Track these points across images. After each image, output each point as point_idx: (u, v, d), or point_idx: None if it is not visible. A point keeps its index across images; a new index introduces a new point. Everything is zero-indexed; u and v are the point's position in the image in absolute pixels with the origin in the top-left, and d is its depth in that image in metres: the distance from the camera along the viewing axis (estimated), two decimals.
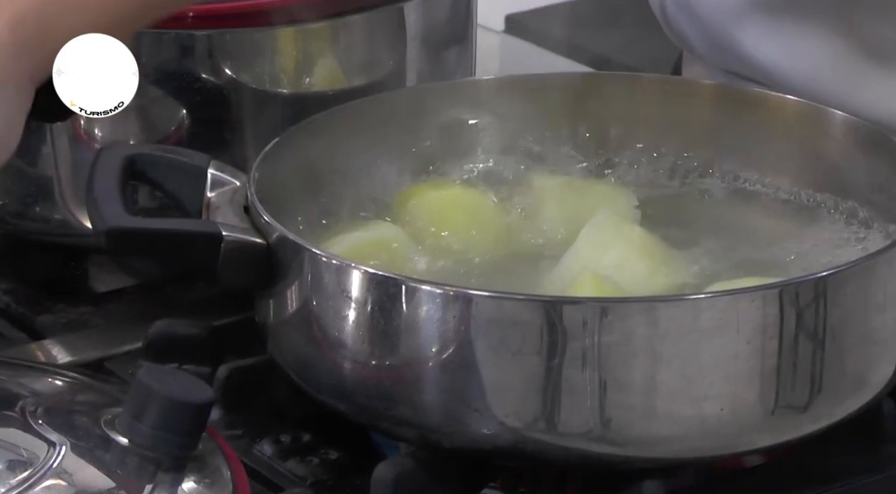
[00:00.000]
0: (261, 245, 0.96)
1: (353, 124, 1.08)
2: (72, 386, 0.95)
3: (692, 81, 1.13)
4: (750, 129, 1.09)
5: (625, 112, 1.12)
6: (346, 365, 0.94)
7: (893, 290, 0.94)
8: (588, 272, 0.97)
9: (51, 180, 1.13)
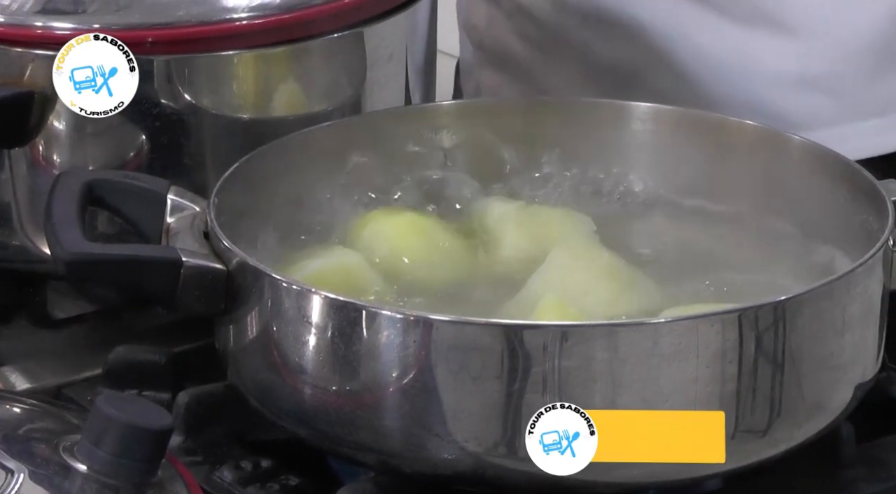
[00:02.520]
0: (221, 270, 0.96)
1: (313, 150, 1.08)
2: (30, 412, 0.94)
3: (647, 106, 1.12)
4: (708, 154, 1.09)
5: (579, 136, 1.12)
6: (307, 391, 0.94)
7: (851, 315, 0.94)
8: (551, 296, 0.97)
9: (8, 206, 1.12)
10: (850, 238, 1.00)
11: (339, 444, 0.94)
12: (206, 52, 1.11)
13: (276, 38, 1.12)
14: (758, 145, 1.07)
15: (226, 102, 1.12)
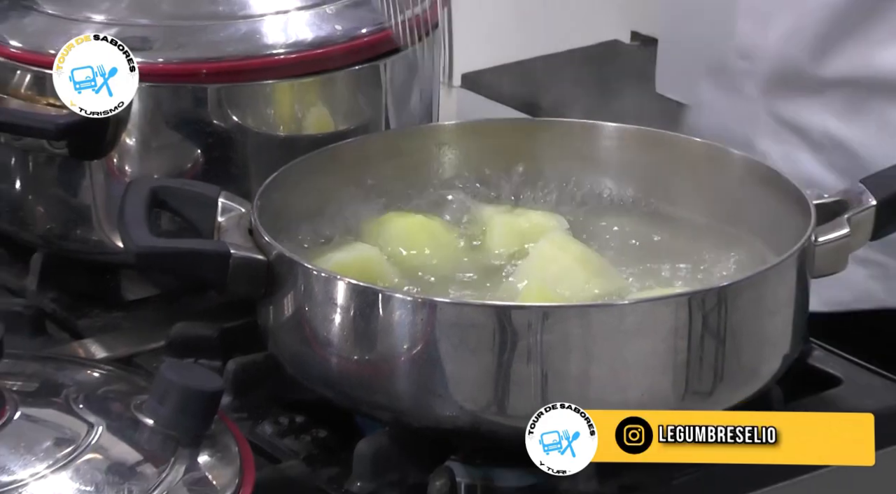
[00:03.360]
0: (262, 261, 0.96)
1: (338, 162, 1.07)
2: (106, 377, 0.95)
3: (613, 126, 1.11)
4: (663, 166, 1.08)
5: (556, 150, 1.11)
6: (333, 360, 0.94)
7: (780, 298, 0.95)
8: (535, 282, 0.98)
9: (89, 208, 1.12)
10: (779, 234, 0.99)
11: (359, 404, 0.95)
12: (250, 82, 1.11)
13: (307, 69, 1.12)
14: (704, 159, 1.07)
15: (266, 122, 1.12)
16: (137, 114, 1.10)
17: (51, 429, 0.85)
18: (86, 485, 0.81)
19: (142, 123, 1.10)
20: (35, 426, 0.84)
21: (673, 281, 1.00)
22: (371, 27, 1.13)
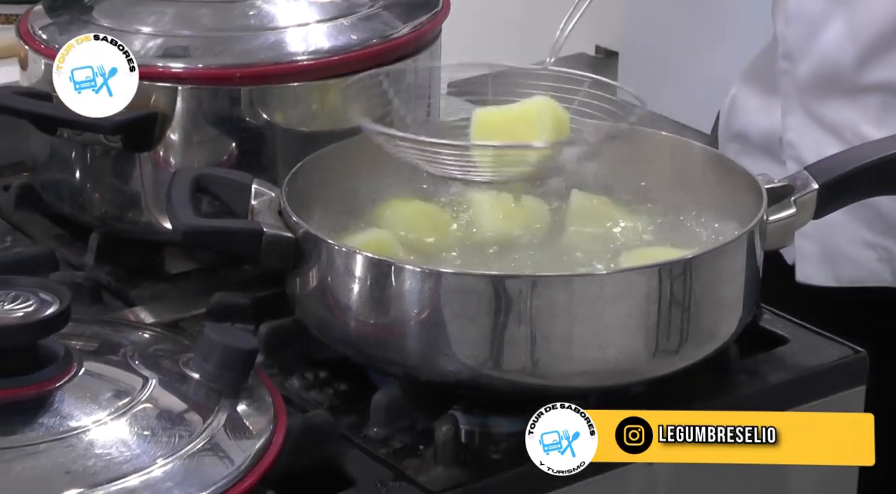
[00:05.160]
0: (290, 238, 0.95)
1: (353, 154, 1.06)
2: (156, 338, 0.94)
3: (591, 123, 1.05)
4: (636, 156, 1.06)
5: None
6: (352, 324, 0.93)
7: (737, 269, 0.94)
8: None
9: (139, 194, 1.11)
10: (737, 214, 0.99)
11: (374, 361, 0.94)
12: (277, 84, 1.10)
13: (326, 74, 1.11)
14: (670, 150, 1.05)
15: (291, 120, 1.11)
16: (180, 113, 1.09)
17: (111, 382, 0.84)
18: (142, 430, 0.81)
19: (184, 121, 1.09)
20: (97, 379, 0.84)
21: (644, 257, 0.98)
22: (381, 37, 1.13)
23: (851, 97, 1.14)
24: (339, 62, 1.11)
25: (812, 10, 1.14)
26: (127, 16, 1.12)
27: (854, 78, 1.13)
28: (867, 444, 0.80)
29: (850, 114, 1.14)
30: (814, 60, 1.15)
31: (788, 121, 1.18)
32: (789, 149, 1.18)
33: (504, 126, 0.99)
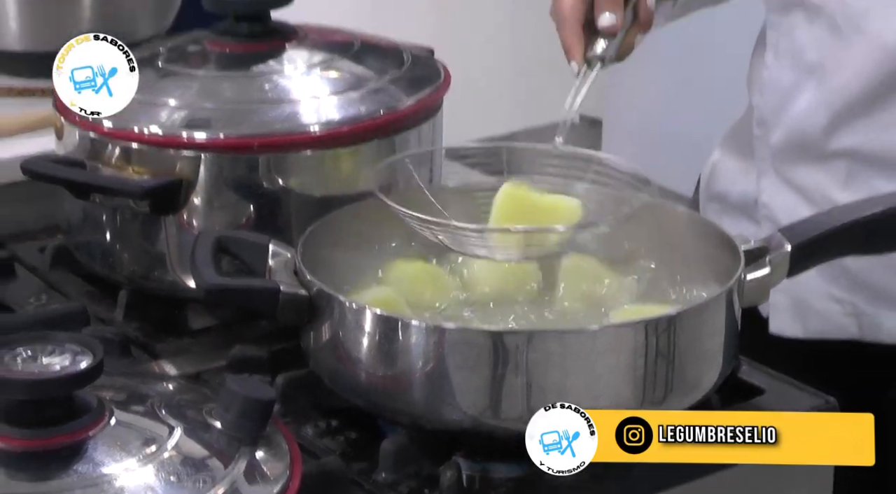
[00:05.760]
0: (305, 295, 0.95)
1: (362, 217, 1.06)
2: (180, 389, 0.94)
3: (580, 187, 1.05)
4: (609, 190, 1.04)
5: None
6: (362, 375, 0.93)
7: (718, 324, 0.94)
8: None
9: (164, 254, 1.11)
10: (717, 273, 0.99)
11: (383, 410, 0.94)
12: (293, 152, 1.10)
13: (337, 143, 1.11)
14: (655, 212, 1.04)
15: (305, 185, 1.11)
16: (203, 179, 1.09)
17: (139, 431, 0.84)
18: (168, 476, 0.80)
19: (207, 186, 1.09)
20: (127, 428, 0.84)
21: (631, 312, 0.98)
22: (387, 109, 1.13)
23: (820, 163, 1.14)
24: (349, 132, 1.11)
25: (784, 81, 1.15)
26: (155, 89, 1.13)
27: (822, 145, 1.13)
28: (867, 444, 0.76)
29: (819, 179, 1.14)
30: (785, 128, 1.15)
31: (763, 183, 1.18)
32: (764, 210, 1.19)
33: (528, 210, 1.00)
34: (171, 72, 1.15)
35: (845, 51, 1.09)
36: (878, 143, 1.11)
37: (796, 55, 1.12)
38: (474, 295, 1.03)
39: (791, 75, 1.13)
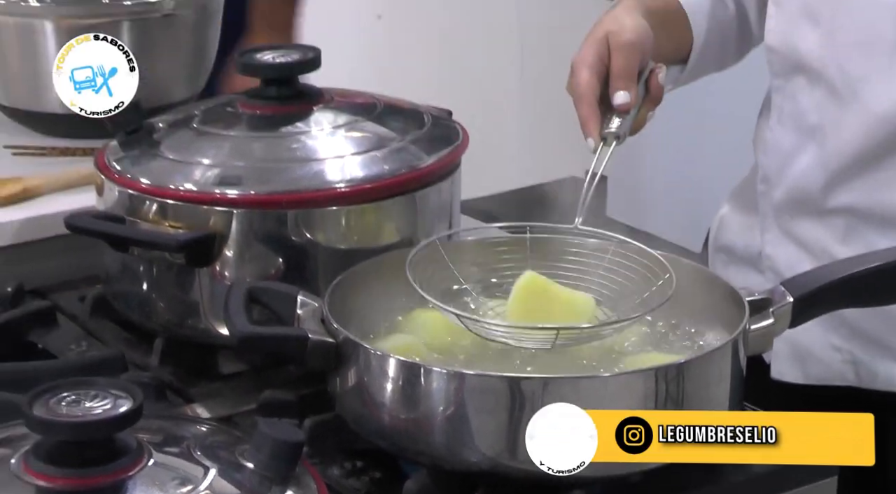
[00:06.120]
0: (332, 343, 0.96)
1: (385, 268, 1.06)
2: (213, 431, 0.94)
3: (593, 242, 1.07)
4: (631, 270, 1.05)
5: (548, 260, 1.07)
6: (386, 418, 0.93)
7: (724, 372, 0.94)
8: None
9: (198, 304, 1.12)
10: (723, 323, 0.99)
11: (405, 452, 0.94)
12: (319, 208, 1.11)
13: (361, 199, 1.12)
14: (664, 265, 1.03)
15: (331, 239, 1.11)
16: (235, 233, 1.10)
17: (176, 472, 0.84)
18: None
19: (238, 240, 1.10)
20: (164, 469, 0.84)
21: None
22: (409, 167, 1.14)
23: (819, 218, 1.15)
24: (372, 189, 1.12)
25: (786, 142, 1.16)
26: (190, 149, 1.14)
27: (821, 202, 1.14)
28: (867, 444, 0.73)
29: (819, 234, 1.15)
30: (787, 186, 1.16)
31: (766, 237, 1.19)
32: (767, 262, 1.19)
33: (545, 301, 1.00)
34: (205, 132, 1.16)
35: (842, 115, 1.10)
36: (873, 202, 1.12)
37: (798, 118, 1.14)
38: (490, 342, 1.02)
39: (793, 137, 1.15)
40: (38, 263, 1.25)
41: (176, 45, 1.43)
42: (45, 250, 1.26)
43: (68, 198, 1.29)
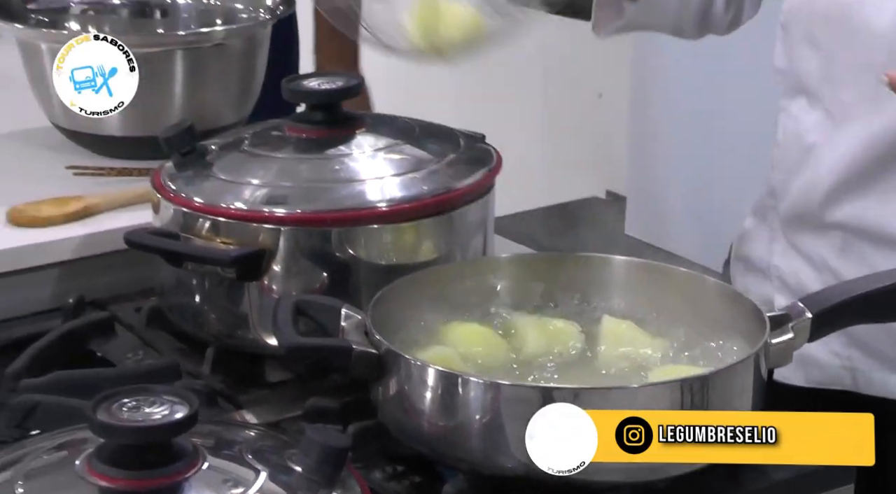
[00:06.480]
0: (375, 354, 0.96)
1: (423, 283, 1.07)
2: (262, 436, 0.94)
3: (620, 259, 1.09)
4: (658, 286, 1.06)
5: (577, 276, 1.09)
6: (425, 425, 0.94)
7: (746, 384, 0.94)
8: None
9: (247, 315, 1.12)
10: (746, 337, 0.99)
11: (444, 457, 0.94)
12: (360, 226, 1.11)
13: (401, 218, 1.12)
14: (688, 283, 1.05)
15: (373, 255, 1.12)
16: (283, 250, 1.10)
17: (229, 474, 0.85)
18: None
19: (285, 256, 1.11)
20: (218, 472, 0.84)
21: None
22: (446, 188, 1.14)
23: (819, 232, 1.16)
24: (411, 209, 1.12)
25: (790, 159, 1.17)
26: (241, 170, 1.15)
27: (820, 217, 1.15)
28: (867, 444, 0.70)
29: (819, 247, 1.16)
30: (790, 200, 1.18)
31: (774, 247, 1.20)
32: (775, 271, 1.20)
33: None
34: (255, 154, 1.17)
35: (836, 136, 1.12)
36: (866, 219, 1.13)
37: (799, 137, 1.15)
38: (523, 353, 1.03)
39: (795, 153, 1.16)
40: (98, 276, 1.26)
41: (226, 72, 1.44)
42: (105, 264, 1.26)
43: (126, 215, 1.30)
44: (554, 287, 1.09)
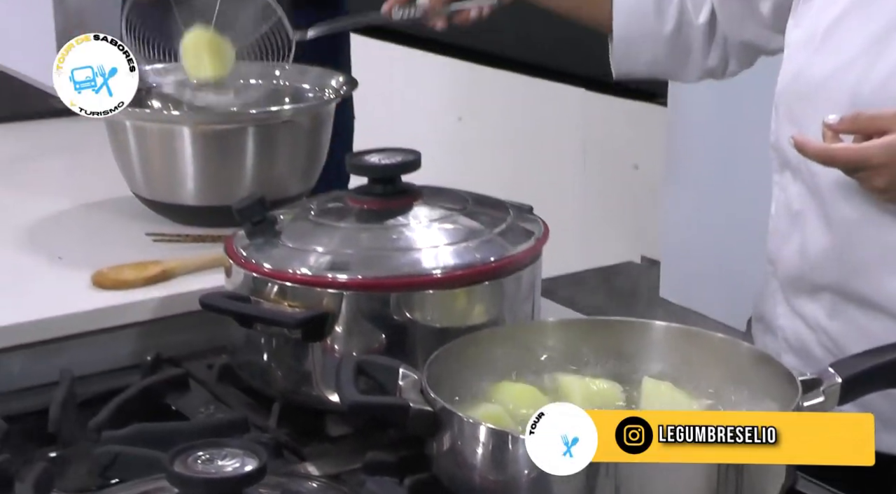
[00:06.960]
0: (430, 411, 0.96)
1: (476, 345, 1.06)
2: (324, 488, 0.95)
3: (659, 325, 1.08)
4: (696, 351, 1.05)
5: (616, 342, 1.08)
6: (477, 479, 0.93)
7: None
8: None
9: (311, 373, 1.12)
10: (777, 400, 0.97)
11: None
12: (417, 291, 1.11)
13: (454, 284, 1.12)
14: (724, 347, 1.04)
15: (428, 318, 1.12)
16: (345, 313, 1.11)
17: None
18: None
19: (347, 318, 1.11)
20: None
21: None
22: (497, 257, 1.14)
23: (812, 295, 1.17)
24: (463, 276, 1.12)
25: (781, 228, 1.19)
26: (307, 238, 1.16)
27: (809, 281, 1.16)
28: (867, 444, 0.66)
29: (812, 309, 1.17)
30: (784, 266, 1.19)
31: (778, 310, 1.21)
32: (780, 332, 1.22)
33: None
34: (320, 223, 1.18)
35: (814, 208, 1.14)
36: (849, 286, 1.13)
37: (787, 206, 1.18)
38: None
39: (785, 222, 1.18)
40: (174, 336, 1.27)
41: (293, 147, 1.46)
42: (180, 324, 1.27)
43: (200, 279, 1.31)
44: (597, 349, 1.09)
